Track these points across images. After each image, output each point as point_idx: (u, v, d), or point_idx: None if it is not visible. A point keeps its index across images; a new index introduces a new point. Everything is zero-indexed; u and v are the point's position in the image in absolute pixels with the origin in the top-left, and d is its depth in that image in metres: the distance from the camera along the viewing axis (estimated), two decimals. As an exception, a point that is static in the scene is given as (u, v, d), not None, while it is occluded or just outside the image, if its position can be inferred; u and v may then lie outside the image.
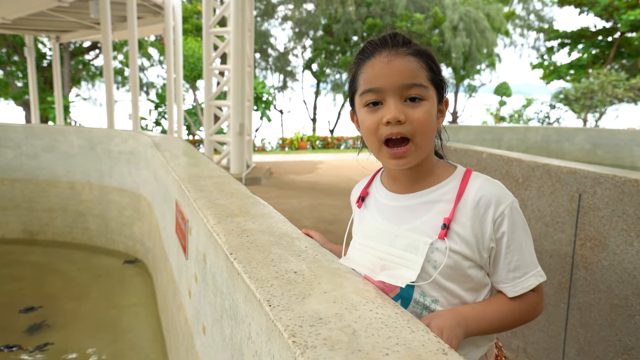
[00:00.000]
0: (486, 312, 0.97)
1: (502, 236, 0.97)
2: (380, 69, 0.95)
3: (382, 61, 0.96)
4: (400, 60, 0.95)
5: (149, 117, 17.65)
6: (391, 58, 0.95)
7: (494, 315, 0.97)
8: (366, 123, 0.99)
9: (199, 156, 3.22)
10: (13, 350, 3.14)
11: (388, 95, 0.95)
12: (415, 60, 0.96)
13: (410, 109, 0.95)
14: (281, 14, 23.84)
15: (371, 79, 0.96)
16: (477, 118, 25.22)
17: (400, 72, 0.94)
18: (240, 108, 8.92)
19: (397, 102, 0.95)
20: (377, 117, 0.96)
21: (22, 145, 5.38)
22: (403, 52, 0.96)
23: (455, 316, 0.92)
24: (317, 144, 19.03)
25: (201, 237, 1.58)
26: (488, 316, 0.96)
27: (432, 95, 0.98)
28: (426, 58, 0.98)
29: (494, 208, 0.96)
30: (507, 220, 0.96)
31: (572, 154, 9.04)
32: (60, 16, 10.63)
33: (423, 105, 0.96)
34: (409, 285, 0.97)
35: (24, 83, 19.58)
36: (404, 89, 0.95)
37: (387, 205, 1.06)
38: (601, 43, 20.22)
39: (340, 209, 6.71)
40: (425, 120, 0.95)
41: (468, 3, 21.87)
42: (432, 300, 0.98)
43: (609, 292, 2.12)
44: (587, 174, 2.22)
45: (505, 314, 0.98)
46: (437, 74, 1.00)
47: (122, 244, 5.11)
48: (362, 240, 1.08)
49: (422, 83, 0.95)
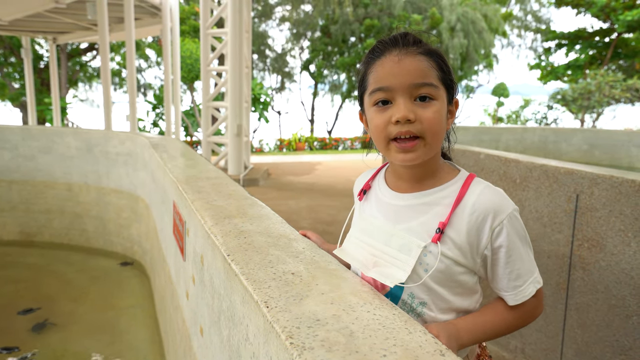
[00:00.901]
0: (479, 321, 0.97)
1: (500, 246, 0.96)
2: (391, 68, 0.95)
3: (392, 60, 0.95)
4: (411, 59, 0.94)
5: (147, 118, 17.64)
6: (402, 57, 0.95)
7: (487, 325, 0.97)
8: (375, 121, 0.98)
9: (196, 157, 3.22)
10: (12, 352, 3.13)
11: (398, 94, 0.95)
12: (426, 60, 0.95)
13: (420, 108, 0.94)
14: (279, 15, 23.87)
15: (381, 77, 0.96)
16: (475, 119, 25.26)
17: (410, 71, 0.94)
18: (238, 109, 8.91)
19: (407, 101, 0.94)
20: (387, 116, 0.96)
21: (19, 147, 5.37)
22: (414, 51, 0.95)
23: (450, 328, 0.91)
24: (315, 145, 19.03)
25: (199, 239, 1.58)
26: (481, 325, 0.97)
27: (442, 95, 0.97)
28: (437, 58, 0.97)
29: (492, 217, 0.95)
30: (505, 230, 0.95)
31: (569, 154, 9.05)
32: (58, 17, 10.61)
33: (433, 104, 0.95)
34: (398, 285, 0.98)
35: (21, 84, 19.55)
36: (414, 88, 0.94)
37: (387, 203, 1.05)
38: (598, 44, 20.28)
39: (338, 210, 6.71)
40: (435, 120, 0.95)
41: (465, 4, 21.92)
42: (420, 303, 0.98)
43: (606, 293, 2.13)
44: (585, 174, 2.23)
45: (500, 323, 0.99)
46: (448, 74, 0.99)
47: (119, 245, 5.10)
48: (358, 235, 1.08)
49: (432, 82, 0.95)
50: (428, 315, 0.98)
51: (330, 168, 11.66)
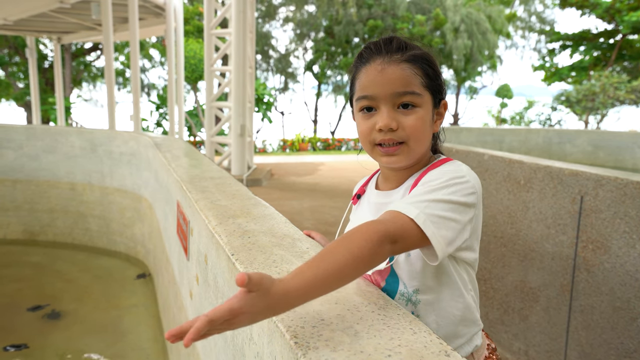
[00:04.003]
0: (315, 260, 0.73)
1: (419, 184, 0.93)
2: (374, 77, 0.97)
3: (375, 69, 0.97)
4: (394, 68, 0.96)
5: (150, 118, 17.66)
6: (384, 66, 0.96)
7: (326, 257, 0.73)
8: (360, 127, 1.02)
9: (200, 157, 3.22)
10: (21, 349, 3.14)
11: (381, 102, 0.97)
12: (409, 67, 0.96)
13: (403, 115, 0.97)
14: (282, 15, 23.89)
15: (365, 86, 0.98)
16: (478, 120, 25.19)
17: (392, 80, 0.95)
18: (242, 109, 8.92)
19: (390, 109, 0.97)
20: (371, 123, 0.99)
21: (23, 146, 5.39)
22: (397, 59, 0.96)
23: (256, 298, 0.65)
24: (318, 146, 19.03)
25: (203, 238, 1.58)
26: (315, 262, 0.72)
27: (426, 101, 0.98)
28: (422, 63, 0.98)
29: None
30: (431, 175, 0.94)
31: (573, 155, 9.02)
32: (62, 17, 10.65)
33: (416, 112, 0.97)
34: (393, 278, 0.99)
35: (25, 84, 19.62)
36: (397, 97, 0.96)
37: (374, 203, 1.09)
38: (603, 45, 20.20)
39: (341, 210, 6.70)
40: (418, 127, 0.97)
41: (469, 5, 21.89)
42: (414, 291, 0.97)
43: (611, 295, 2.12)
44: (589, 176, 2.22)
45: (343, 246, 0.75)
46: (434, 79, 1.00)
47: (123, 245, 5.11)
48: None
49: (414, 91, 0.96)
50: (425, 300, 0.97)
51: (333, 169, 11.65)
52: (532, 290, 2.58)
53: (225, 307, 0.64)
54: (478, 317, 1.05)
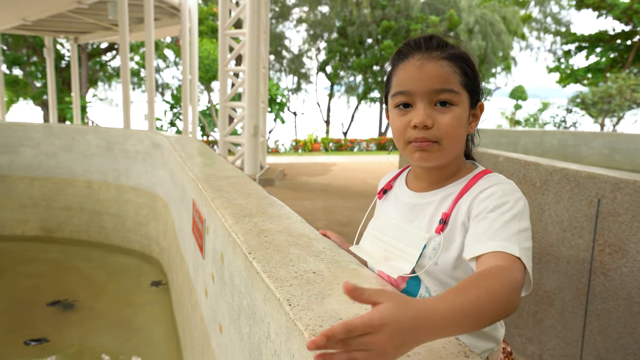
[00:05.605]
0: (459, 294, 0.67)
1: (480, 211, 0.89)
2: (412, 73, 0.96)
3: (414, 64, 0.96)
4: (433, 65, 0.95)
5: (164, 117, 17.81)
6: (424, 62, 0.95)
7: (470, 296, 0.67)
8: (395, 124, 1.00)
9: (214, 156, 3.24)
10: (42, 342, 3.20)
11: (418, 98, 0.96)
12: (448, 65, 0.96)
13: (439, 113, 0.95)
14: (296, 16, 23.94)
15: (403, 81, 0.97)
16: (492, 122, 24.97)
17: (431, 76, 0.94)
18: (255, 109, 8.96)
19: (426, 106, 0.95)
20: (406, 120, 0.97)
21: (41, 145, 5.48)
22: (436, 56, 0.96)
23: (401, 316, 0.58)
24: (331, 146, 19.03)
25: (219, 237, 1.59)
26: (461, 299, 0.65)
27: (463, 100, 0.97)
28: (461, 62, 0.97)
29: (482, 190, 0.93)
30: (488, 192, 0.91)
31: (589, 158, 8.90)
32: (79, 17, 10.80)
33: (453, 110, 0.96)
34: (415, 281, 0.99)
35: (42, 83, 19.94)
36: (434, 94, 0.95)
37: (404, 202, 1.08)
38: (620, 46, 19.90)
39: (353, 211, 6.70)
40: (453, 126, 0.95)
41: (484, 6, 21.72)
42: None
43: (628, 299, 2.09)
44: (607, 178, 2.19)
45: (483, 289, 0.69)
46: (472, 79, 0.99)
47: (137, 243, 5.17)
48: (373, 232, 1.12)
49: (452, 88, 0.95)
50: None
51: (346, 169, 11.64)
52: (547, 293, 2.56)
53: (364, 315, 0.56)
54: (499, 335, 1.02)
